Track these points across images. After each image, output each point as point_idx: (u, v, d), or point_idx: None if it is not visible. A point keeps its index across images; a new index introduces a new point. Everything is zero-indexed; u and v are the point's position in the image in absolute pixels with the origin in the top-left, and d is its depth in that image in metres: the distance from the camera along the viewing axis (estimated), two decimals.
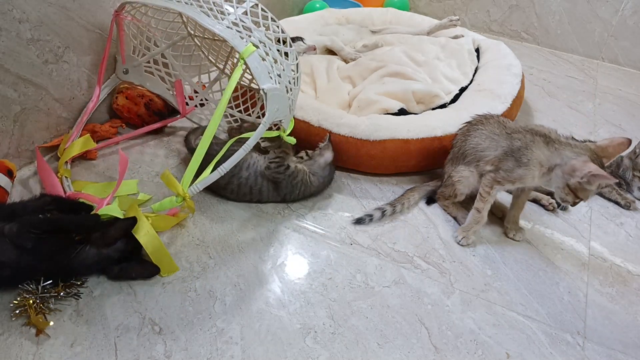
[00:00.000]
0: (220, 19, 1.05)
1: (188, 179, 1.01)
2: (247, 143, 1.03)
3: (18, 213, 0.99)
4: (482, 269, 1.15)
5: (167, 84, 1.48)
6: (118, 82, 1.43)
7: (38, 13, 1.21)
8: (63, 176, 1.21)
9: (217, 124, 1.02)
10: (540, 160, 1.08)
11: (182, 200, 1.02)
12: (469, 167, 1.22)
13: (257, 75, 1.04)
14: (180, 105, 1.48)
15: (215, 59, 1.53)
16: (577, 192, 1.05)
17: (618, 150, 1.06)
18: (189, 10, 1.05)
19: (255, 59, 1.04)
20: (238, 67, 1.04)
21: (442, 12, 2.68)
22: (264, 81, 1.05)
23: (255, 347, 0.93)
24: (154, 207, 1.04)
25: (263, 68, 1.05)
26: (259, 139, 1.07)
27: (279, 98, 1.08)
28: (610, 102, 2.03)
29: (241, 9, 1.08)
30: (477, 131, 1.23)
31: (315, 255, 1.14)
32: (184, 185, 1.01)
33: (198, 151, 1.02)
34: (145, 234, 1.02)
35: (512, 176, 1.11)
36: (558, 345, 0.99)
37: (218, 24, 1.04)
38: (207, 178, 1.02)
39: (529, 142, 1.10)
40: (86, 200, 1.11)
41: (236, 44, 1.03)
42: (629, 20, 2.30)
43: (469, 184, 1.23)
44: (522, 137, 1.12)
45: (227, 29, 1.04)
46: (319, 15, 2.11)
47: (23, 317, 0.92)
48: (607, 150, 1.06)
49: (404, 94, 1.52)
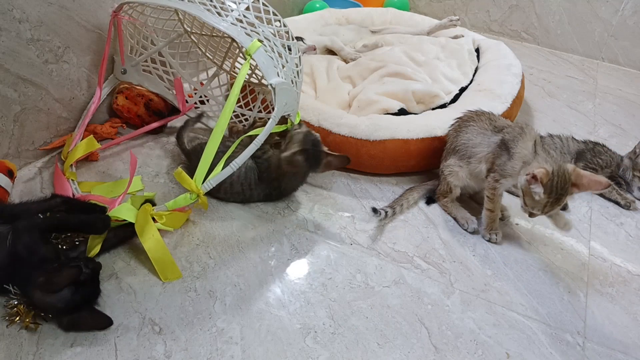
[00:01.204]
0: (224, 16, 1.05)
1: (201, 175, 1.02)
2: (258, 138, 1.04)
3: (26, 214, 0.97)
4: (482, 269, 1.15)
5: (166, 83, 1.48)
6: (117, 82, 1.43)
7: (38, 13, 1.21)
8: (70, 179, 1.22)
9: (227, 120, 1.02)
10: (523, 155, 1.09)
11: (196, 197, 1.03)
12: (460, 162, 1.24)
13: (264, 70, 1.04)
14: (180, 103, 1.48)
15: (212, 55, 1.53)
16: (525, 196, 1.07)
17: (593, 186, 1.02)
18: (192, 9, 1.05)
19: (262, 55, 1.04)
20: (245, 63, 1.04)
21: (442, 12, 2.68)
22: (271, 76, 1.05)
23: (255, 347, 0.93)
24: (168, 204, 1.05)
25: (269, 63, 1.05)
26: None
27: (287, 92, 1.08)
28: (610, 102, 2.03)
29: (243, 4, 1.09)
30: (468, 127, 1.24)
31: (315, 255, 1.14)
32: (197, 182, 1.02)
33: (209, 147, 1.02)
34: (149, 238, 1.03)
35: (507, 171, 1.11)
36: (558, 345, 0.99)
37: (222, 22, 1.04)
38: (219, 174, 1.03)
39: (517, 135, 1.12)
40: (97, 202, 1.11)
41: (242, 40, 1.03)
42: (629, 20, 2.30)
43: (460, 177, 1.24)
44: (512, 130, 1.14)
45: (232, 26, 1.04)
46: (319, 15, 2.11)
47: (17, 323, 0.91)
48: (581, 180, 1.03)
49: (404, 94, 1.52)
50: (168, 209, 1.06)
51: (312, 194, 1.33)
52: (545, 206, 1.05)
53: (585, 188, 1.03)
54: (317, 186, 1.36)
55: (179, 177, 1.04)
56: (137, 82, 1.43)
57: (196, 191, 1.02)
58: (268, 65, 1.05)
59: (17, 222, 0.93)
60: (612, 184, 1.41)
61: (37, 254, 0.90)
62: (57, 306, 0.89)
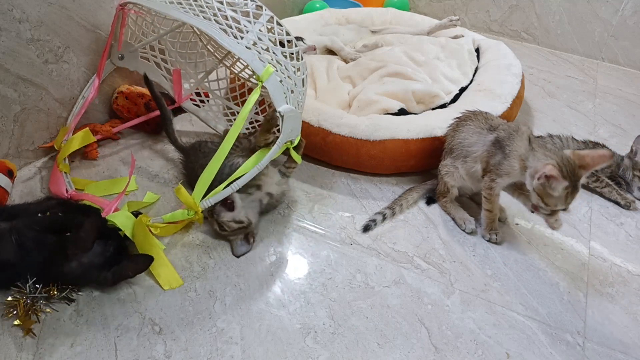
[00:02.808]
0: (239, 38, 1.03)
1: (200, 192, 1.02)
2: (260, 162, 1.04)
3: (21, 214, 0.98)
4: (482, 269, 1.15)
5: (163, 71, 1.46)
6: (112, 67, 1.39)
7: (38, 13, 1.21)
8: (63, 172, 1.21)
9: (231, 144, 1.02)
10: (520, 153, 1.08)
11: (193, 213, 1.03)
12: (455, 162, 1.23)
13: (273, 97, 1.03)
14: (177, 94, 1.47)
15: (214, 49, 1.52)
16: (543, 198, 1.04)
17: (597, 161, 1.02)
18: (208, 28, 1.02)
19: (274, 81, 1.03)
20: (256, 89, 1.03)
21: (442, 12, 2.68)
22: (279, 103, 1.04)
23: (255, 347, 0.93)
24: (165, 217, 1.05)
25: (280, 90, 1.05)
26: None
27: (294, 119, 1.08)
28: (610, 102, 2.03)
29: (258, 24, 1.07)
30: (465, 126, 1.24)
31: (315, 255, 1.14)
32: (195, 199, 1.02)
33: (210, 166, 1.01)
34: (149, 247, 1.02)
35: (502, 170, 1.11)
36: (558, 345, 0.99)
37: (237, 44, 1.02)
38: (219, 194, 1.03)
39: (512, 132, 1.11)
40: (91, 202, 1.11)
41: (255, 67, 1.02)
42: (629, 20, 2.30)
43: (457, 177, 1.24)
44: (507, 128, 1.14)
45: (246, 50, 1.02)
46: (319, 15, 2.11)
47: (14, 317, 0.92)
48: (585, 160, 1.02)
49: (404, 94, 1.52)
50: (164, 221, 1.05)
51: (312, 194, 1.33)
52: (567, 198, 1.03)
53: (591, 166, 1.02)
54: (317, 186, 1.36)
55: (179, 193, 1.04)
56: (133, 68, 1.41)
57: (194, 208, 1.02)
58: (278, 93, 1.04)
59: (18, 220, 0.93)
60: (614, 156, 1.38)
61: (46, 247, 0.91)
62: (96, 262, 0.92)
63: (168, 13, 1.07)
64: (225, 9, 1.06)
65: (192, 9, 1.07)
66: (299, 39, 1.80)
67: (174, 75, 1.44)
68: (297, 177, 1.39)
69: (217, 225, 1.09)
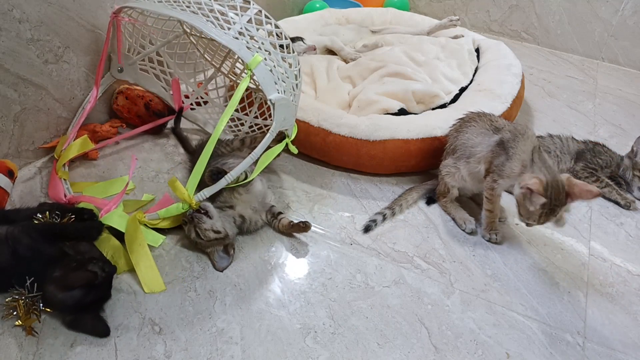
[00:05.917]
0: (226, 29, 1.04)
1: (193, 185, 1.02)
2: (254, 152, 1.05)
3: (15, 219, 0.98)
4: (482, 269, 1.15)
5: (162, 82, 1.48)
6: (112, 80, 1.42)
7: (38, 13, 1.21)
8: (62, 179, 1.21)
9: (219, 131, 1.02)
10: (522, 158, 1.08)
11: (188, 206, 1.03)
12: (457, 162, 1.23)
13: (263, 85, 1.04)
14: (176, 103, 1.48)
15: (211, 57, 1.53)
16: (520, 206, 1.07)
17: (584, 195, 1.03)
18: (194, 20, 1.03)
19: (262, 70, 1.04)
20: (245, 77, 1.03)
21: (442, 12, 2.68)
22: (270, 91, 1.05)
23: (255, 347, 0.93)
24: (160, 213, 1.05)
25: (269, 78, 1.05)
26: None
27: (285, 107, 1.08)
28: (610, 102, 2.03)
29: (246, 16, 1.08)
30: (469, 127, 1.23)
31: (315, 255, 1.14)
32: (189, 191, 1.02)
33: (202, 157, 1.02)
34: (137, 249, 1.03)
35: (505, 171, 1.11)
36: (558, 345, 0.99)
37: (224, 35, 1.03)
38: (213, 186, 1.03)
39: (517, 135, 1.11)
40: (89, 203, 1.11)
41: (243, 55, 1.02)
42: (629, 20, 2.30)
43: (457, 178, 1.24)
44: (512, 130, 1.14)
45: (234, 40, 1.03)
46: (319, 15, 2.11)
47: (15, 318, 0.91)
48: (573, 189, 1.03)
49: (404, 94, 1.52)
50: (160, 217, 1.06)
51: (312, 194, 1.33)
52: (540, 217, 1.05)
53: (576, 197, 1.04)
54: (317, 186, 1.36)
55: (173, 186, 1.04)
56: (133, 80, 1.43)
57: (188, 201, 1.02)
58: (268, 81, 1.05)
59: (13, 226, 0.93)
60: (603, 193, 1.41)
61: (41, 254, 0.91)
62: (66, 303, 0.90)
63: (156, 11, 1.10)
64: (212, 3, 1.07)
65: (180, 5, 1.08)
66: (299, 39, 1.80)
67: (173, 84, 1.46)
68: (297, 177, 1.39)
69: (195, 232, 1.06)
